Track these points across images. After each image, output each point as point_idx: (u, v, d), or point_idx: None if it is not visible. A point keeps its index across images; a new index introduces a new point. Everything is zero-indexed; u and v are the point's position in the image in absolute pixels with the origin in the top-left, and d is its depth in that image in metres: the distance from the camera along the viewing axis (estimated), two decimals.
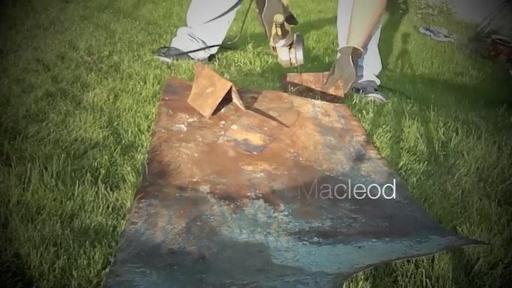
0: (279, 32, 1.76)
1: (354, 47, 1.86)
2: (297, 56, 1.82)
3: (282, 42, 1.80)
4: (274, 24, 1.74)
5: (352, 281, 0.86)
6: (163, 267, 0.83)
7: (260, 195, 1.11)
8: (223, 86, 1.45)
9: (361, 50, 1.89)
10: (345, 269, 0.84)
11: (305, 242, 0.95)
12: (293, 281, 0.81)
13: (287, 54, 1.84)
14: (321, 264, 0.87)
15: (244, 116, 1.46)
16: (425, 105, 1.98)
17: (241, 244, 0.92)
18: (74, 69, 1.73)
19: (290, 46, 1.83)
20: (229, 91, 1.45)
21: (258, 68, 2.16)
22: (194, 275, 0.82)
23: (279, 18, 1.69)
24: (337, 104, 1.74)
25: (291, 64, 1.86)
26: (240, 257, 0.88)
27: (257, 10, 1.90)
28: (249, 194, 1.10)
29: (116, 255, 0.84)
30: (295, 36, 1.83)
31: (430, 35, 4.96)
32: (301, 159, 1.32)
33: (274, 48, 1.87)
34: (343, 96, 1.86)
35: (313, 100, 1.72)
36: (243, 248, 0.91)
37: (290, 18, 1.75)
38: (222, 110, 1.48)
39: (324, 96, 1.84)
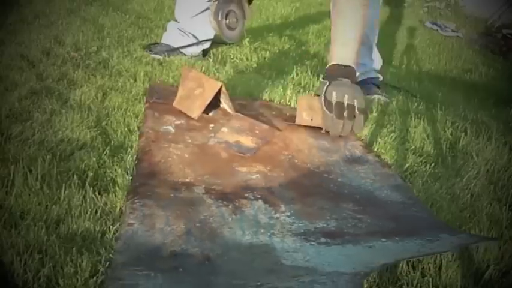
0: None
1: (347, 66, 1.49)
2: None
3: None
4: None
5: None
6: (167, 269, 0.83)
7: (258, 196, 1.12)
8: (212, 86, 1.45)
9: (354, 67, 1.51)
10: (360, 269, 0.86)
11: (312, 243, 0.96)
12: (309, 281, 0.83)
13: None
14: (333, 264, 0.88)
15: (234, 119, 1.48)
16: (432, 103, 1.99)
17: (245, 245, 0.93)
18: (60, 65, 1.72)
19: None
20: (218, 92, 1.46)
21: (255, 65, 2.16)
22: (202, 277, 0.83)
23: None
24: None
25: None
26: (247, 258, 0.90)
27: None
28: (246, 194, 1.11)
29: (114, 258, 0.84)
30: None
31: (437, 30, 4.98)
32: (296, 161, 1.33)
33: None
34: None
35: None
36: (248, 250, 0.92)
37: None
38: (210, 114, 1.49)
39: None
